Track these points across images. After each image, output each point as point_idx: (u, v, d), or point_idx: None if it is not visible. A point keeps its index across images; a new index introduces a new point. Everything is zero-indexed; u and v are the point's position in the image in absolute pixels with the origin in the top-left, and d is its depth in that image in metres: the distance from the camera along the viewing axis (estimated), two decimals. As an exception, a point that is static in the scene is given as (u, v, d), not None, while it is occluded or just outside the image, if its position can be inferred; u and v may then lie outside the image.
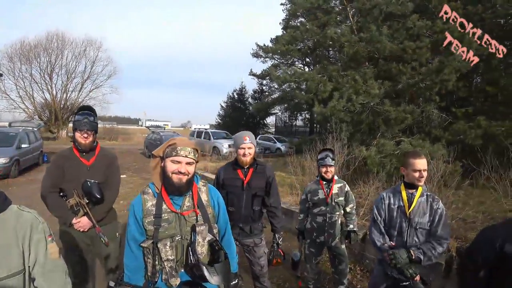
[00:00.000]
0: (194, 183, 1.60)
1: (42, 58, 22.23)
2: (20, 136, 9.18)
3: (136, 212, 1.52)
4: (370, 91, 6.61)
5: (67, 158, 2.43)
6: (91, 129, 2.40)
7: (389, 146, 6.10)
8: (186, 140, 1.55)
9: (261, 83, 23.80)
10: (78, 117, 2.41)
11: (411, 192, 2.10)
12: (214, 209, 1.66)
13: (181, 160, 1.47)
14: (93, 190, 2.32)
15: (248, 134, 2.44)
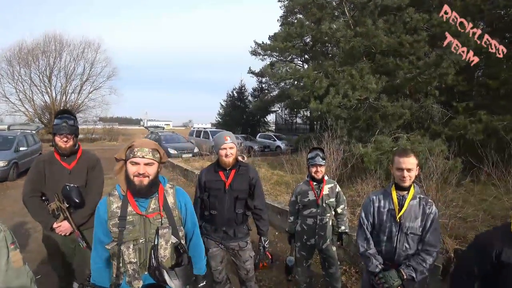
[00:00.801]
0: (161, 185, 1.59)
1: (40, 61, 22.34)
2: (18, 139, 9.16)
3: (101, 214, 1.51)
4: (367, 86, 6.49)
5: (48, 162, 2.39)
6: (70, 132, 2.34)
7: (387, 143, 5.99)
8: (145, 141, 1.53)
9: (260, 81, 23.72)
10: (57, 121, 2.36)
11: (402, 194, 1.97)
12: (181, 211, 1.64)
13: (139, 161, 1.45)
14: (72, 194, 2.28)
15: (229, 134, 2.36)
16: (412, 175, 1.91)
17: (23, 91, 22.16)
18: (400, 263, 1.92)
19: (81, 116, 24.21)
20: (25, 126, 11.07)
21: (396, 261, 1.95)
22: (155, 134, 14.67)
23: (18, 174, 8.75)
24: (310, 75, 7.32)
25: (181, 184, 9.00)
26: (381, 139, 6.19)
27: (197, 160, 11.74)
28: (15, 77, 21.91)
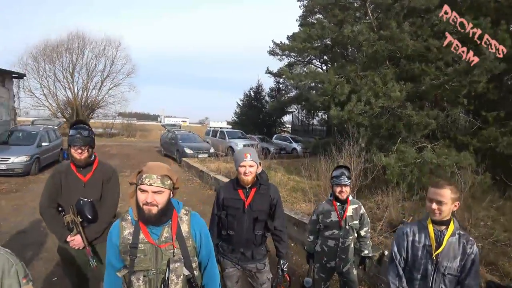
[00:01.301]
0: (175, 212, 1.50)
1: (64, 57, 23.28)
2: (41, 135, 9.48)
3: (114, 239, 1.47)
4: (390, 93, 6.20)
5: (64, 173, 2.37)
6: (84, 144, 2.30)
7: (411, 154, 5.68)
8: (155, 166, 1.43)
9: (277, 81, 23.50)
10: (72, 131, 2.33)
11: (440, 229, 1.78)
12: (196, 241, 1.54)
13: (146, 189, 1.37)
14: (85, 209, 2.26)
15: (249, 151, 2.24)
16: (444, 209, 1.72)
17: (47, 87, 23.20)
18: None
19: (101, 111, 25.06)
20: (48, 122, 11.47)
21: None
22: (171, 133, 14.80)
23: (39, 168, 9.06)
24: (331, 80, 7.08)
25: (196, 185, 9.01)
26: (404, 150, 5.89)
27: (213, 161, 11.73)
28: (40, 73, 22.97)
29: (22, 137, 9.24)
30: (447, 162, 5.36)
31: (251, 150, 2.27)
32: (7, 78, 11.58)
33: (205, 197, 7.72)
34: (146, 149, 17.65)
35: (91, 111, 24.24)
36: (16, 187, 7.43)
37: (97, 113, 25.03)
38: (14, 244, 4.39)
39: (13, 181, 7.83)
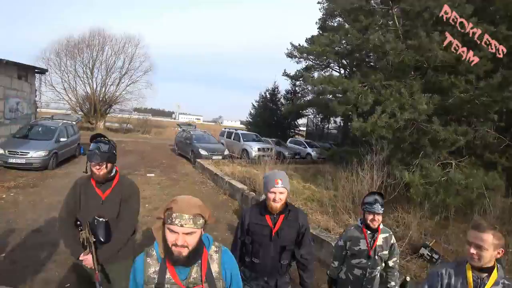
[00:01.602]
0: (205, 250, 1.36)
1: (85, 54, 24.00)
2: (60, 130, 9.65)
3: (137, 278, 1.36)
4: (417, 106, 5.91)
5: (84, 187, 2.28)
6: (102, 160, 2.19)
7: (436, 172, 5.37)
8: (185, 204, 1.26)
9: (294, 84, 23.28)
10: (92, 145, 2.23)
11: (481, 276, 1.60)
12: (226, 281, 1.41)
13: (177, 231, 1.23)
14: (98, 230, 2.17)
15: (281, 177, 2.09)
16: (484, 255, 1.53)
17: (67, 81, 23.99)
18: None
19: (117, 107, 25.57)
20: (66, 117, 11.68)
21: None
22: (186, 132, 14.82)
23: (57, 163, 9.21)
24: (355, 89, 6.82)
25: (209, 189, 8.94)
26: (428, 166, 5.59)
27: (227, 164, 11.64)
28: (61, 68, 23.77)
29: (42, 132, 9.40)
30: (476, 183, 5.04)
31: (282, 176, 2.12)
32: (30, 73, 11.87)
33: (219, 202, 7.64)
34: (160, 147, 17.79)
35: (108, 106, 24.76)
36: (33, 181, 7.56)
37: (114, 108, 25.55)
38: (29, 243, 4.41)
39: (31, 176, 7.99)
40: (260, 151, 14.44)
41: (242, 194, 7.57)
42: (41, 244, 4.33)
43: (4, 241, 4.38)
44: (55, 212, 5.67)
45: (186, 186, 8.90)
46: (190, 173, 11.03)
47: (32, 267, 3.81)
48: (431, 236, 5.07)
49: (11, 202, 5.99)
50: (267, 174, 2.20)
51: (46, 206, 5.98)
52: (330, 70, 19.28)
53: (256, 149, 14.52)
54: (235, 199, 7.92)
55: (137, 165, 11.39)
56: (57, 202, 6.20)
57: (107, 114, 25.16)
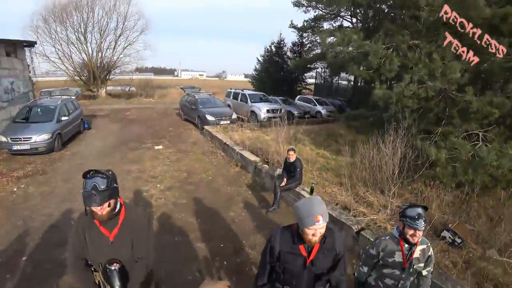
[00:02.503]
0: None
1: (74, 17, 21.97)
2: (59, 108, 9.19)
3: None
4: (449, 74, 5.21)
5: (88, 227, 1.99)
6: (102, 202, 1.84)
7: (465, 150, 4.92)
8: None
9: (301, 36, 21.58)
10: (87, 183, 1.84)
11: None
12: None
13: None
14: (112, 280, 1.96)
15: (321, 212, 1.75)
16: None
17: (61, 50, 22.39)
18: None
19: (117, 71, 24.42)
20: (65, 92, 11.08)
21: None
22: (191, 97, 14.19)
23: (62, 144, 8.95)
24: (378, 52, 6.03)
25: (220, 160, 8.71)
26: (455, 141, 5.12)
27: (236, 129, 11.24)
28: (52, 36, 22.02)
29: (41, 113, 8.93)
30: (508, 164, 4.62)
31: (322, 208, 1.77)
32: (18, 48, 10.92)
33: (231, 176, 7.45)
34: (165, 113, 17.33)
35: (107, 72, 23.61)
36: (42, 167, 7.38)
37: (113, 73, 24.38)
38: (48, 242, 4.35)
39: (39, 161, 7.79)
40: (269, 113, 13.93)
41: (255, 167, 7.35)
42: (60, 242, 4.21)
43: (23, 242, 4.32)
44: (68, 203, 5.60)
45: (196, 158, 8.69)
46: (198, 142, 10.76)
47: (55, 269, 3.77)
48: (452, 215, 4.84)
49: (22, 196, 5.86)
50: (301, 207, 1.81)
51: (58, 197, 5.87)
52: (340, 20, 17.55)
53: (265, 110, 13.98)
54: (248, 171, 7.73)
55: (143, 137, 11.12)
56: (68, 191, 6.10)
57: (108, 80, 24.13)
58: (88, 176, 1.87)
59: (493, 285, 3.37)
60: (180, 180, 6.97)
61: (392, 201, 5.14)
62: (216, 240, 4.59)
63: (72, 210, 5.32)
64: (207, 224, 5.07)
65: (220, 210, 5.58)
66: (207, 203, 5.85)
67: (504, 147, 5.24)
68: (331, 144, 10.02)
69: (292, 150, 5.56)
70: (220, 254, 4.24)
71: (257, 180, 7.20)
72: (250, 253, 4.30)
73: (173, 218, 5.24)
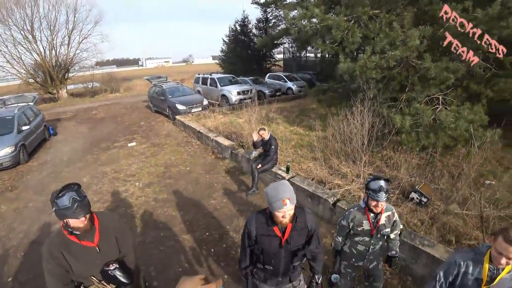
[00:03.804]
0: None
1: (17, 14, 19.69)
2: (18, 118, 8.54)
3: None
4: (409, 42, 5.40)
5: (65, 248, 1.93)
6: (87, 212, 1.89)
7: (427, 115, 5.25)
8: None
9: (265, 11, 21.11)
10: (62, 201, 1.80)
11: (497, 267, 1.77)
12: None
13: None
14: (119, 278, 2.01)
15: (288, 195, 1.85)
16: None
17: (8, 53, 20.18)
18: None
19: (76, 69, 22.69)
20: (21, 99, 10.30)
21: None
22: (158, 87, 13.73)
23: (28, 155, 8.45)
24: (340, 25, 6.07)
25: (196, 149, 8.69)
26: (418, 107, 5.44)
27: (208, 116, 11.14)
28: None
29: (-1, 125, 8.31)
30: (464, 125, 5.03)
31: (289, 192, 1.87)
32: None
33: (208, 164, 7.48)
34: (134, 107, 16.69)
35: (65, 71, 21.79)
36: (10, 183, 6.98)
37: (72, 71, 22.58)
38: (31, 258, 4.26)
39: (6, 176, 7.33)
40: (240, 95, 13.84)
41: (231, 152, 7.43)
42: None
43: (5, 263, 4.21)
44: (45, 215, 5.44)
45: (172, 150, 8.60)
46: (171, 133, 10.59)
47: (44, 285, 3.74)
48: (419, 177, 5.23)
49: (-6, 215, 5.60)
50: (269, 191, 1.91)
51: (32, 211, 5.67)
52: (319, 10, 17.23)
53: (236, 93, 13.85)
54: (225, 157, 7.81)
55: (114, 135, 10.76)
56: (43, 204, 5.88)
57: (67, 80, 22.38)
58: (59, 195, 1.82)
59: (455, 236, 3.75)
60: (158, 175, 6.92)
61: (364, 170, 5.43)
62: (201, 229, 4.70)
63: (50, 222, 5.19)
64: (190, 215, 5.14)
65: (201, 200, 5.65)
66: (188, 195, 5.89)
67: (460, 109, 5.64)
68: (304, 120, 10.22)
69: (263, 130, 5.62)
70: (207, 242, 4.36)
71: (234, 165, 7.29)
72: (235, 237, 4.45)
73: (156, 214, 5.26)
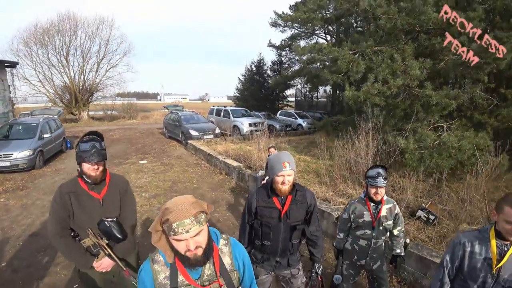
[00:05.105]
0: (214, 245, 1.30)
1: (56, 40, 22.08)
2: (42, 126, 9.17)
3: (147, 286, 1.25)
4: (409, 71, 5.78)
5: (74, 194, 2.08)
6: (101, 159, 2.06)
7: (430, 138, 5.41)
8: (180, 209, 1.13)
9: (280, 54, 22.64)
10: (84, 146, 2.04)
11: (505, 243, 1.69)
12: (239, 271, 1.37)
13: (185, 238, 1.14)
14: (113, 230, 2.03)
15: (287, 159, 2.00)
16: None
17: (42, 73, 22.24)
18: None
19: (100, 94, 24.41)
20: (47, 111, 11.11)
21: None
22: (174, 114, 14.45)
23: (44, 161, 8.87)
24: (346, 57, 6.59)
25: (205, 170, 8.86)
26: (421, 132, 5.62)
27: (220, 143, 11.53)
28: (33, 59, 21.96)
29: (23, 130, 8.91)
30: (468, 146, 5.12)
31: (289, 158, 2.03)
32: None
33: (216, 183, 7.59)
34: (149, 132, 17.40)
35: (90, 94, 23.56)
36: (22, 183, 7.27)
37: (95, 96, 24.34)
38: (29, 249, 4.30)
39: (19, 177, 7.67)
40: (251, 126, 14.30)
41: (239, 172, 7.55)
42: (42, 248, 4.23)
43: (1, 250, 4.26)
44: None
45: (181, 170, 8.79)
46: (183, 156, 10.87)
47: (36, 273, 3.73)
48: (426, 198, 5.20)
49: (2, 208, 5.77)
50: (272, 157, 2.09)
51: (39, 208, 5.82)
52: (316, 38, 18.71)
53: (247, 124, 14.34)
54: (232, 177, 7.91)
55: (127, 153, 11.14)
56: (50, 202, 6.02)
57: (90, 103, 23.95)
58: (83, 140, 2.07)
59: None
60: (165, 189, 7.05)
61: (369, 191, 5.43)
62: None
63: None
64: (192, 224, 5.18)
65: (205, 213, 5.70)
66: (192, 207, 5.95)
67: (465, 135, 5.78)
68: (312, 150, 10.41)
69: (273, 147, 5.81)
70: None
71: (240, 185, 7.37)
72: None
73: (158, 221, 5.32)
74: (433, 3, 5.89)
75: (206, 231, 1.21)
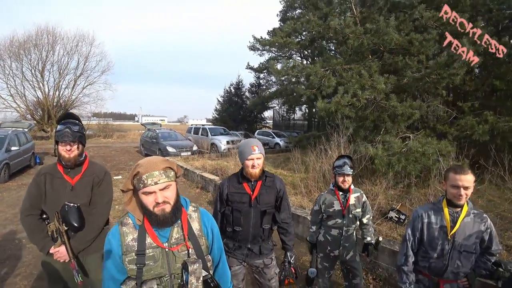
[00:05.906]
0: (183, 210, 1.33)
1: (33, 54, 21.38)
2: (10, 139, 8.73)
3: (114, 248, 1.25)
4: (376, 86, 6.31)
5: (50, 176, 2.07)
6: (73, 140, 2.03)
7: (396, 144, 5.83)
8: (151, 163, 1.21)
9: (258, 77, 23.49)
10: (60, 126, 2.05)
11: (456, 210, 1.87)
12: (208, 238, 1.39)
13: (153, 190, 1.18)
14: (70, 216, 1.96)
15: (256, 143, 2.13)
16: (469, 193, 1.79)
17: (14, 86, 21.26)
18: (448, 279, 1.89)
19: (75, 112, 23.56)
20: (17, 124, 10.66)
21: (445, 278, 1.90)
22: (152, 131, 14.31)
23: (9, 175, 8.37)
24: (318, 73, 7.08)
25: (181, 185, 8.75)
26: (389, 140, 6.05)
27: (197, 159, 11.48)
28: (6, 72, 21.06)
29: (-11, 142, 8.45)
30: (430, 150, 5.57)
31: (257, 142, 2.16)
32: None
33: (192, 196, 7.53)
34: (124, 150, 16.97)
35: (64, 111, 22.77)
36: (-16, 196, 6.83)
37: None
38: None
39: (-18, 191, 7.20)
40: (229, 144, 14.41)
41: (215, 184, 7.55)
42: (1, 260, 3.97)
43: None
44: (12, 225, 5.24)
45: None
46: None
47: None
48: (397, 202, 5.49)
49: (-39, 220, 5.38)
50: (241, 144, 2.21)
51: (1, 220, 5.49)
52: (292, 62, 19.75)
53: (225, 142, 14.45)
54: (208, 191, 7.87)
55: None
56: (14, 215, 5.70)
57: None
58: (61, 121, 2.10)
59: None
60: (139, 201, 6.89)
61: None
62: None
63: (16, 231, 5.02)
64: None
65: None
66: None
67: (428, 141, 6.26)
68: (288, 164, 10.65)
69: None
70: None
71: (217, 197, 7.38)
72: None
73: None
74: (394, 26, 6.59)
75: (175, 189, 1.25)
